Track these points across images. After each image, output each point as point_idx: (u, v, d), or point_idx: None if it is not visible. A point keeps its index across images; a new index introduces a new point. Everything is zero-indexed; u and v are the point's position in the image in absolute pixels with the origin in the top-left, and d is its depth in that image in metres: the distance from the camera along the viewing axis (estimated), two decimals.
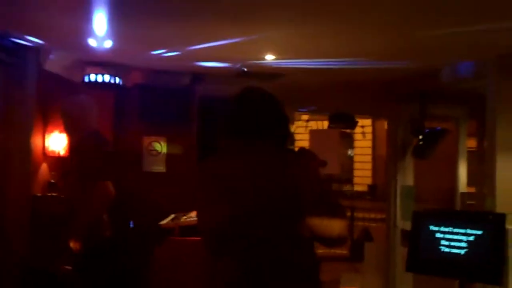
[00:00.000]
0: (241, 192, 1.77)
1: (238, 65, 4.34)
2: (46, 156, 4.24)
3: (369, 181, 9.77)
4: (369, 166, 9.99)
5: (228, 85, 4.74)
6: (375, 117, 8.59)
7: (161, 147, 5.03)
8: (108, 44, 3.70)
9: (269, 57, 4.00)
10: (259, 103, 1.89)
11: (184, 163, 4.96)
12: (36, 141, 4.03)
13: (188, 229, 3.60)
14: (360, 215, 7.88)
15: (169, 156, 5.06)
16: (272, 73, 4.48)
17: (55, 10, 2.94)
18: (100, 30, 3.35)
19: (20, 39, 3.55)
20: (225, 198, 1.79)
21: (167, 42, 3.67)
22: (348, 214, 7.91)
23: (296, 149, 2.02)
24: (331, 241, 1.87)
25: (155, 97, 4.87)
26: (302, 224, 1.75)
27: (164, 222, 3.89)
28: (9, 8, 2.88)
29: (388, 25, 3.00)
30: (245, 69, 4.39)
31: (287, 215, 1.75)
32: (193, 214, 3.85)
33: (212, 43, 3.57)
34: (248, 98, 1.91)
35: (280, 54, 3.94)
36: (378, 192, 8.67)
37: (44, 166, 4.23)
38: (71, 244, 3.12)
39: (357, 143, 10.43)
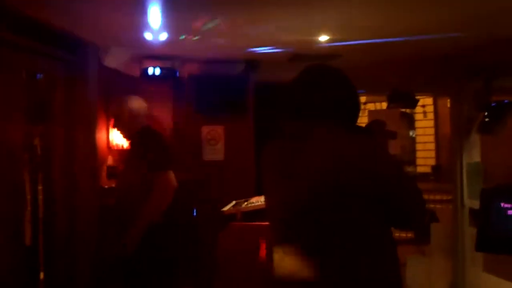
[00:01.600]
0: (305, 177, 1.65)
1: (292, 49, 4.31)
2: (111, 149, 4.40)
3: (432, 161, 9.44)
4: (432, 146, 9.64)
5: (283, 70, 4.72)
6: (436, 94, 8.28)
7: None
8: (163, 37, 3.77)
9: (323, 38, 3.93)
10: (322, 79, 1.72)
11: (242, 151, 5.01)
12: (100, 135, 4.18)
13: (250, 214, 3.62)
14: (424, 197, 7.66)
15: (227, 145, 5.12)
16: (327, 55, 4.41)
17: (110, 6, 3.02)
18: (154, 23, 3.41)
19: (79, 36, 3.67)
20: (290, 183, 1.69)
21: (218, 31, 3.68)
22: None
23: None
24: (412, 222, 1.76)
25: (210, 87, 4.93)
26: (376, 209, 1.62)
27: (226, 208, 3.94)
28: (68, 6, 2.99)
29: None
30: (299, 53, 4.35)
31: (357, 200, 1.60)
32: (254, 200, 3.87)
33: (265, 28, 3.57)
34: (312, 75, 1.75)
35: (334, 35, 3.87)
36: (442, 173, 8.38)
37: (109, 159, 4.39)
38: (129, 241, 3.18)
39: (418, 123, 10.09)
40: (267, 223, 1.92)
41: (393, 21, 3.51)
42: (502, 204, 3.12)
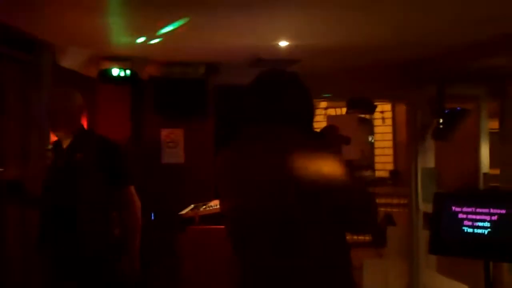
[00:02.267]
0: (259, 182, 1.65)
1: (252, 54, 4.32)
2: None
3: (390, 166, 9.64)
4: (390, 151, 9.85)
5: (243, 74, 4.72)
6: (393, 101, 8.47)
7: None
8: (122, 38, 3.72)
9: (283, 44, 3.97)
10: (282, 85, 1.71)
11: (202, 154, 4.98)
12: (54, 138, 4.06)
13: (208, 218, 3.61)
14: (382, 200, 7.80)
15: (187, 148, 5.08)
16: (287, 60, 4.45)
17: (67, 5, 2.96)
18: (113, 24, 3.36)
19: (34, 35, 3.58)
20: (243, 189, 1.69)
21: (179, 33, 3.66)
22: None
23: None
24: (364, 226, 1.77)
25: (170, 89, 4.89)
26: (329, 214, 1.63)
27: (184, 212, 3.91)
28: (24, 4, 2.91)
29: (404, 5, 2.93)
30: (260, 57, 4.37)
31: (310, 205, 1.60)
32: (213, 203, 3.86)
33: (226, 31, 3.57)
34: (267, 80, 1.74)
35: (294, 40, 3.91)
36: (400, 177, 8.57)
37: None
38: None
39: (377, 129, 10.28)
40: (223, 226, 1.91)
41: (352, 28, 3.58)
42: (453, 208, 3.21)
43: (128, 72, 4.41)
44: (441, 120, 4.49)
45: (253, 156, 1.69)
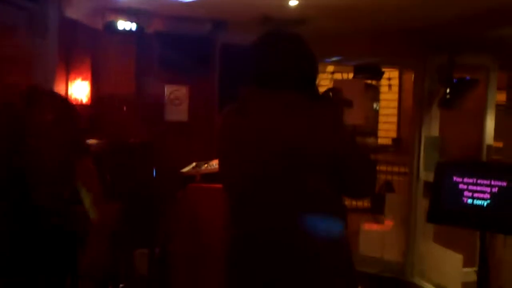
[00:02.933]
0: (260, 144, 1.65)
1: (260, 12, 4.24)
2: None
3: (393, 134, 9.63)
4: (394, 119, 9.81)
5: (250, 32, 4.63)
6: (401, 68, 8.37)
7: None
8: None
9: (292, 2, 3.89)
10: (283, 46, 1.70)
11: (206, 112, 4.96)
12: (58, 88, 4.05)
13: (209, 176, 3.62)
14: (383, 168, 7.82)
15: (191, 105, 5.06)
16: (295, 19, 4.37)
17: None
18: None
19: None
20: (244, 151, 1.70)
21: None
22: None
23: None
24: (362, 192, 1.79)
25: (176, 45, 4.81)
26: (328, 176, 1.64)
27: (185, 169, 3.93)
28: None
29: None
30: (267, 16, 4.28)
31: (312, 169, 1.62)
32: (214, 162, 3.86)
33: None
34: (269, 40, 1.72)
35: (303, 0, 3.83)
36: (402, 146, 8.57)
37: None
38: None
39: (383, 96, 10.22)
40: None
41: None
42: (454, 178, 3.21)
43: (133, 25, 4.34)
44: (448, 89, 4.44)
45: (255, 118, 1.69)
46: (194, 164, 4.12)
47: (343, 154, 1.65)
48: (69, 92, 4.25)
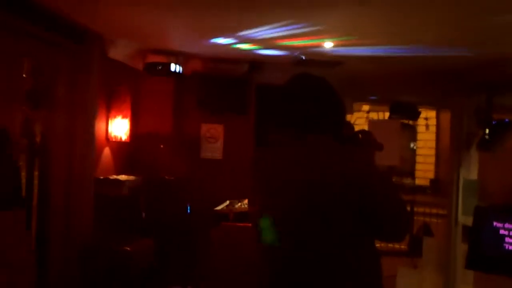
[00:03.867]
0: (289, 187, 1.68)
1: (296, 53, 4.31)
2: (109, 140, 4.40)
3: (431, 175, 9.44)
4: (432, 159, 9.65)
5: (286, 73, 4.70)
6: (439, 107, 8.27)
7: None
8: (169, 32, 3.77)
9: (328, 45, 3.93)
10: (308, 90, 1.74)
11: (241, 151, 5.01)
12: (99, 126, 4.18)
13: (242, 215, 3.63)
14: (421, 209, 7.64)
15: (226, 144, 5.12)
16: (331, 61, 4.41)
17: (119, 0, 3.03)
18: (160, 18, 3.42)
19: (85, 26, 3.68)
20: (274, 191, 1.73)
21: (224, 30, 3.69)
22: (408, 208, 7.72)
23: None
24: (393, 235, 1.76)
25: (213, 85, 4.93)
26: (360, 219, 1.64)
27: (219, 207, 3.95)
28: None
29: (458, 6, 2.83)
30: (303, 57, 4.34)
31: (339, 211, 1.62)
32: (247, 201, 3.87)
33: (270, 30, 3.57)
34: (297, 85, 1.76)
35: (339, 42, 3.87)
36: (440, 187, 8.38)
37: (106, 151, 4.40)
38: None
39: (420, 136, 10.09)
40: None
41: (400, 33, 3.51)
42: (494, 223, 3.12)
43: (172, 66, 4.47)
44: (487, 131, 4.35)
45: (283, 162, 1.73)
46: (227, 202, 4.14)
47: (371, 196, 1.64)
48: (109, 130, 4.38)
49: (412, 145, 9.96)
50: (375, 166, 1.70)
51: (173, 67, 4.49)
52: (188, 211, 4.67)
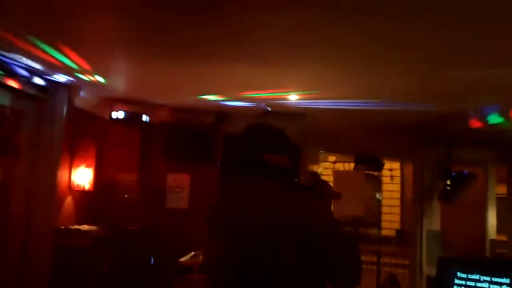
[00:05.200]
0: (241, 232, 1.71)
1: (262, 105, 4.38)
2: (72, 190, 4.31)
3: (397, 225, 9.52)
4: (397, 210, 9.76)
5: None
6: (401, 159, 8.45)
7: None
8: (132, 83, 3.80)
9: (293, 97, 4.02)
10: (263, 138, 1.81)
11: (206, 200, 4.97)
12: (62, 175, 4.11)
13: None
14: (387, 260, 7.65)
15: (192, 193, 5.08)
16: (296, 113, 4.50)
17: (81, 50, 3.05)
18: (123, 69, 3.45)
19: (51, 76, 3.68)
20: (225, 237, 1.75)
21: (190, 83, 3.74)
22: (374, 259, 7.70)
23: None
24: (347, 279, 1.78)
25: (180, 135, 4.94)
26: (313, 265, 1.66)
27: (183, 259, 3.87)
28: (41, 49, 3.01)
29: (418, 63, 2.95)
30: (269, 109, 4.42)
31: (294, 254, 1.64)
32: None
33: (236, 82, 3.63)
34: (252, 133, 1.83)
35: (303, 95, 3.96)
36: (406, 237, 8.43)
37: (69, 200, 4.30)
38: None
39: (385, 186, 10.22)
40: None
41: (362, 87, 3.62)
42: (458, 274, 3.14)
43: (139, 115, 4.47)
44: (448, 182, 4.47)
45: (240, 207, 1.76)
46: (192, 253, 4.07)
47: (325, 242, 1.68)
48: (72, 179, 4.31)
49: (377, 195, 10.08)
50: (328, 213, 1.75)
51: (140, 116, 4.50)
52: (152, 262, 4.56)
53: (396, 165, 9.57)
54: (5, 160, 3.75)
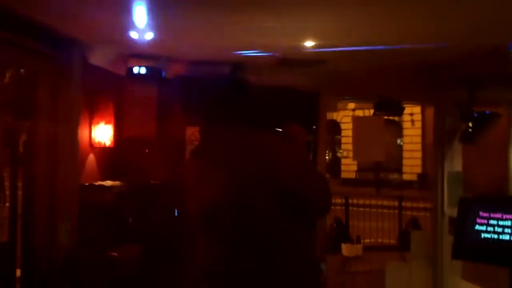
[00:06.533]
0: (215, 177, 1.83)
1: (278, 53, 4.32)
2: (93, 147, 4.38)
3: (418, 169, 9.55)
4: (418, 154, 9.75)
5: (269, 74, 4.73)
6: (422, 103, 8.35)
7: None
8: (148, 36, 3.76)
9: (309, 44, 3.95)
10: (224, 87, 2.06)
11: None
12: (83, 132, 4.16)
13: None
14: (408, 204, 7.70)
15: None
16: (313, 60, 4.43)
17: (96, 4, 3.02)
18: (140, 22, 3.41)
19: (65, 33, 3.66)
20: (201, 184, 1.88)
21: (205, 32, 3.69)
22: (396, 204, 7.75)
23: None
24: (317, 211, 1.88)
25: (196, 88, 4.91)
26: (282, 199, 1.74)
27: None
28: (55, 2, 2.98)
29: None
30: (286, 57, 4.36)
31: (263, 192, 1.74)
32: None
33: (250, 30, 3.58)
34: (216, 84, 2.10)
35: (320, 41, 3.88)
36: (428, 181, 8.45)
37: (91, 157, 4.38)
38: None
39: (406, 131, 10.20)
40: None
41: (381, 29, 3.53)
42: (480, 213, 3.15)
43: (154, 70, 4.46)
44: (470, 124, 4.41)
45: (209, 152, 1.93)
46: None
47: (291, 176, 1.76)
48: (92, 136, 4.36)
49: (398, 141, 10.04)
50: (294, 153, 1.84)
51: (157, 71, 4.48)
52: (176, 214, 4.66)
53: (417, 109, 9.49)
54: (26, 122, 3.80)
